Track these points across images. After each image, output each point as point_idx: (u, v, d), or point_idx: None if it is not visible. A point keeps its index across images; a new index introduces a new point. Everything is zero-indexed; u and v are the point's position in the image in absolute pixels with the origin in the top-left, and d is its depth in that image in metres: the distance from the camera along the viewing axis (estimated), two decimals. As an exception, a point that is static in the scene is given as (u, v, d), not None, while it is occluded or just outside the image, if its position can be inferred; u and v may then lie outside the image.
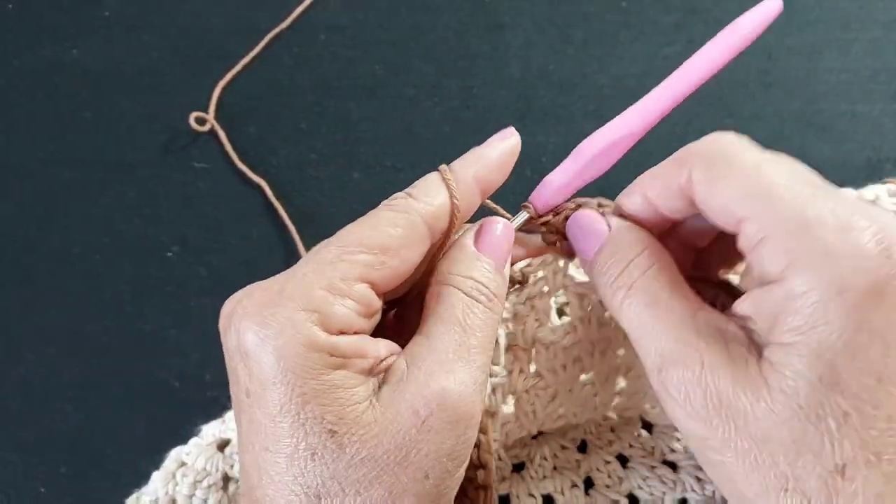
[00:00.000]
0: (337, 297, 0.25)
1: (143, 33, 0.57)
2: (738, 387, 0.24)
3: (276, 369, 0.24)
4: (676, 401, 0.25)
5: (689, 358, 0.25)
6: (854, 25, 0.55)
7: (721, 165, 0.25)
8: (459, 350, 0.26)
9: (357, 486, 0.24)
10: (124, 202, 0.51)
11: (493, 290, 0.28)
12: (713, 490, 0.39)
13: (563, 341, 0.33)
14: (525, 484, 0.39)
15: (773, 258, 0.23)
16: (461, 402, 0.25)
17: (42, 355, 0.47)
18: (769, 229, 0.23)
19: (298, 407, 0.24)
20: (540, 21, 0.57)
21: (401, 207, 0.27)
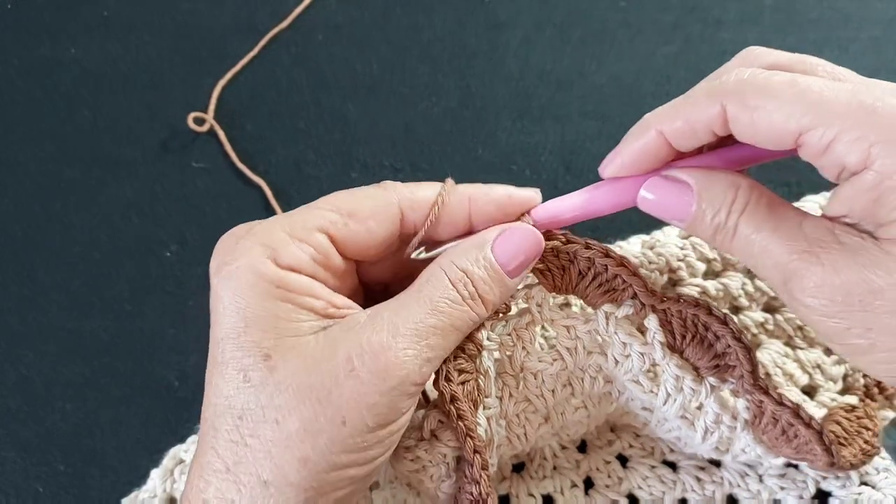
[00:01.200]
0: (294, 240, 0.27)
1: (142, 33, 0.57)
2: (864, 270, 0.25)
3: (227, 295, 0.26)
4: (809, 306, 0.26)
5: (808, 262, 0.26)
6: (853, 24, 0.55)
7: (758, 95, 0.26)
8: (419, 326, 0.27)
9: (276, 412, 0.25)
10: (123, 201, 0.51)
11: (480, 292, 0.28)
12: (713, 490, 0.38)
13: (551, 369, 0.34)
14: (525, 484, 0.39)
15: (852, 150, 0.24)
16: (395, 362, 0.26)
17: (41, 354, 0.47)
18: (837, 128, 0.24)
19: (240, 330, 0.26)
20: (538, 20, 0.57)
21: (383, 186, 0.29)
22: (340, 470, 0.26)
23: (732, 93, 0.26)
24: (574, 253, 0.31)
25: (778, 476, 0.38)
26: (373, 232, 0.28)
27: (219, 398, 0.26)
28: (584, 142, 0.52)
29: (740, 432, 0.33)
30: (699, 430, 0.34)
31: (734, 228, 0.28)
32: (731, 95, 0.26)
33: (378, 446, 0.27)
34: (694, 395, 0.33)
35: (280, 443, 0.25)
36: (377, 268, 0.32)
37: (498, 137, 0.52)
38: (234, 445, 0.25)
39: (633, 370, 0.33)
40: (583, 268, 0.32)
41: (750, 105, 0.26)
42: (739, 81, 0.26)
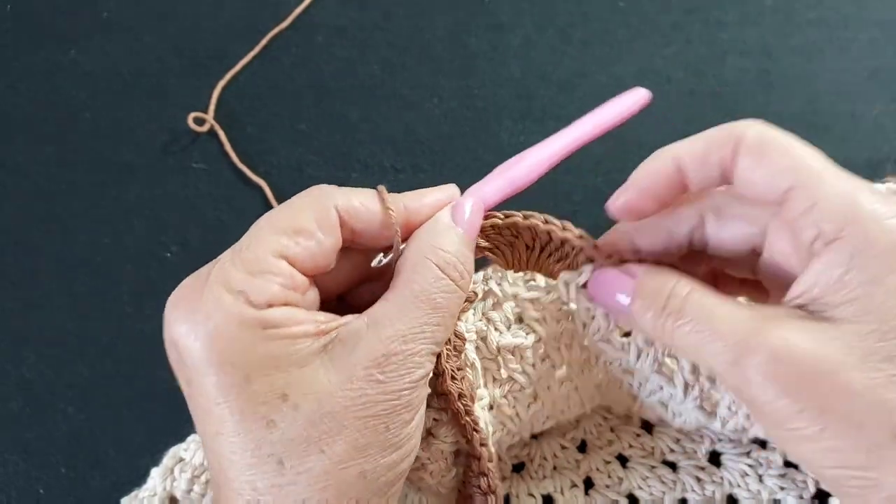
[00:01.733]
0: (257, 275, 0.26)
1: (142, 34, 0.57)
2: (822, 348, 0.25)
3: (207, 353, 0.25)
4: (763, 384, 0.25)
5: (765, 339, 0.25)
6: (853, 25, 0.55)
7: (770, 143, 0.28)
8: (424, 328, 0.27)
9: (318, 443, 0.25)
10: (124, 203, 0.51)
11: (465, 266, 0.29)
12: (713, 490, 0.39)
13: (526, 341, 0.34)
14: (525, 484, 0.39)
15: (832, 218, 0.26)
16: (412, 365, 0.27)
17: (42, 356, 0.47)
18: (824, 194, 0.26)
19: (242, 385, 0.25)
20: (539, 21, 0.57)
21: (317, 191, 0.29)
22: (394, 468, 0.27)
23: (750, 133, 0.28)
24: (515, 226, 0.32)
25: (778, 476, 0.38)
26: (322, 243, 0.28)
27: (239, 455, 0.25)
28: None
29: (720, 384, 0.34)
30: (679, 386, 0.34)
31: (679, 310, 0.28)
32: (749, 135, 0.28)
33: (416, 433, 0.28)
34: (665, 349, 0.33)
35: (334, 468, 0.25)
36: (330, 278, 0.31)
37: (499, 138, 0.52)
38: (283, 489, 0.25)
39: (602, 331, 0.33)
40: (528, 240, 0.33)
41: (761, 148, 0.28)
42: (757, 127, 0.28)
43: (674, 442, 0.40)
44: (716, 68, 0.54)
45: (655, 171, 0.30)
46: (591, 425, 0.41)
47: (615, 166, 0.51)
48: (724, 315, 0.27)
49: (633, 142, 0.51)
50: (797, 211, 0.26)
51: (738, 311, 0.27)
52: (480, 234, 0.32)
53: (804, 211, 0.26)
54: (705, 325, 0.27)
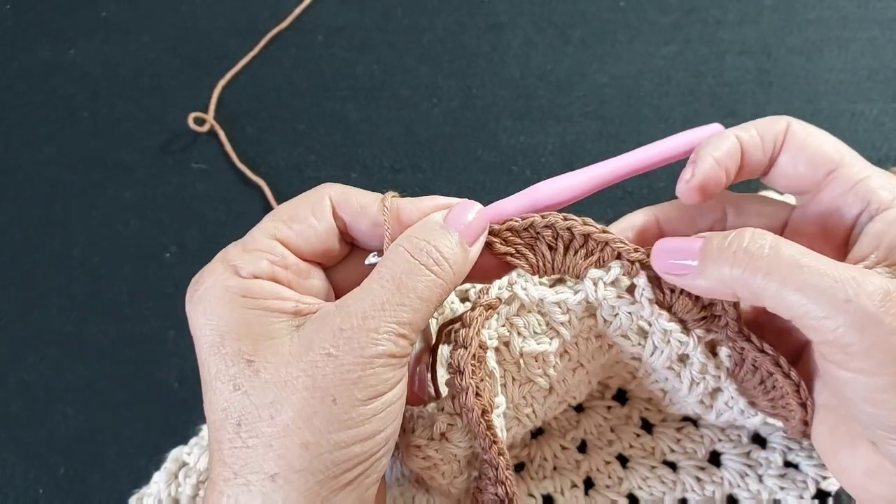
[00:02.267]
0: (249, 251, 0.29)
1: (142, 34, 0.57)
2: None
3: (200, 316, 0.28)
4: (882, 317, 0.25)
5: (874, 279, 0.26)
6: (853, 24, 0.55)
7: (815, 129, 0.32)
8: (385, 306, 0.27)
9: (270, 409, 0.26)
10: (123, 203, 0.51)
11: (444, 254, 0.29)
12: (713, 490, 0.39)
13: (550, 348, 0.33)
14: (525, 484, 0.39)
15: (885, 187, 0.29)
16: (369, 341, 0.27)
17: (42, 357, 0.47)
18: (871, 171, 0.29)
19: (218, 344, 0.27)
20: (539, 21, 0.57)
21: (315, 189, 0.31)
22: (343, 448, 0.26)
23: (796, 120, 0.32)
24: (533, 227, 0.31)
25: (778, 476, 0.38)
26: (315, 226, 0.30)
27: (216, 413, 0.27)
28: (584, 142, 0.52)
29: (724, 381, 0.34)
30: (685, 381, 0.34)
31: (776, 242, 0.27)
32: (796, 121, 0.31)
33: (375, 420, 0.27)
34: (681, 347, 0.33)
35: (278, 435, 0.26)
36: (345, 278, 0.32)
37: (498, 138, 0.52)
38: (237, 451, 0.26)
39: (622, 327, 0.33)
40: (549, 240, 0.32)
41: (808, 130, 0.31)
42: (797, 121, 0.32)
43: (674, 442, 0.40)
44: (715, 68, 0.54)
45: (729, 149, 0.31)
46: (592, 425, 0.41)
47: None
48: (819, 258, 0.26)
49: (633, 142, 0.52)
50: (845, 186, 0.29)
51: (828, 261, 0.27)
52: (499, 239, 0.32)
53: (854, 184, 0.29)
54: (806, 264, 0.26)
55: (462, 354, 0.31)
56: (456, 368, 0.31)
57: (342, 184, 0.31)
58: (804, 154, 0.31)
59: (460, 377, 0.30)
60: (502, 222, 0.32)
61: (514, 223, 0.32)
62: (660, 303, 0.32)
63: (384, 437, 0.28)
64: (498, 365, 0.33)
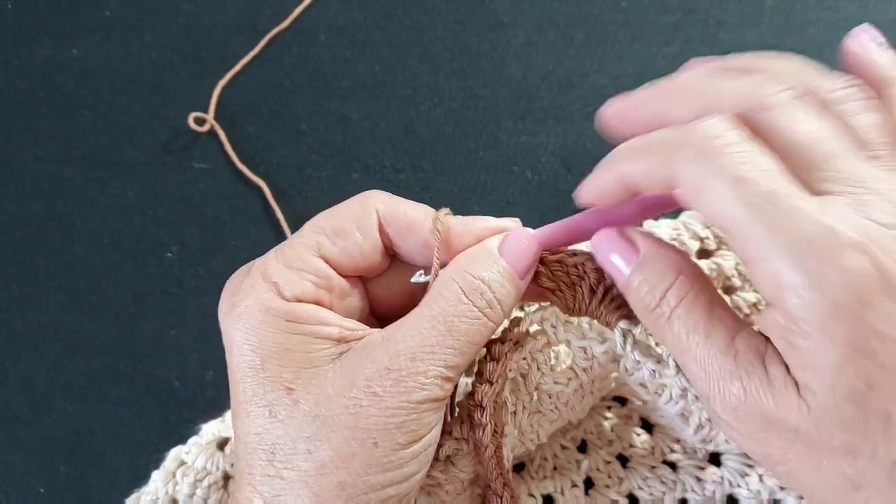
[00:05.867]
0: (293, 270, 0.27)
1: (143, 33, 0.57)
2: (782, 408, 0.24)
3: (239, 335, 0.27)
4: (730, 425, 0.26)
5: (732, 386, 0.25)
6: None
7: None
8: (435, 349, 0.27)
9: (307, 443, 0.25)
10: (124, 202, 0.51)
11: (497, 296, 0.28)
12: (713, 490, 0.39)
13: (567, 389, 0.33)
14: (525, 484, 0.39)
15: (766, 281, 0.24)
16: (416, 385, 0.26)
17: (42, 355, 0.47)
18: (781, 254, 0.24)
19: (258, 368, 0.26)
20: (540, 21, 0.57)
21: (362, 196, 0.30)
22: (379, 491, 0.26)
23: None
24: (583, 266, 0.30)
25: (778, 476, 0.38)
26: (361, 244, 0.28)
27: (248, 436, 0.26)
28: (585, 143, 0.52)
29: None
30: (692, 425, 0.34)
31: (667, 316, 0.27)
32: None
33: (413, 463, 0.27)
34: (697, 401, 0.33)
35: (315, 472, 0.25)
36: (383, 290, 0.31)
37: (499, 138, 0.52)
38: (270, 479, 0.26)
39: (643, 379, 0.33)
40: (593, 282, 0.31)
41: None
42: None
43: (674, 442, 0.40)
44: (716, 69, 0.54)
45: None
46: (592, 425, 0.41)
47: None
48: (704, 346, 0.26)
49: (634, 142, 0.52)
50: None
51: (718, 344, 0.26)
52: (546, 272, 0.30)
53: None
54: (687, 347, 0.26)
55: (486, 391, 0.30)
56: (477, 403, 0.30)
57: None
58: None
59: (480, 412, 0.30)
60: (552, 251, 0.30)
61: (566, 257, 0.30)
62: None
63: (418, 479, 0.27)
64: (511, 394, 0.33)
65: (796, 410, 0.24)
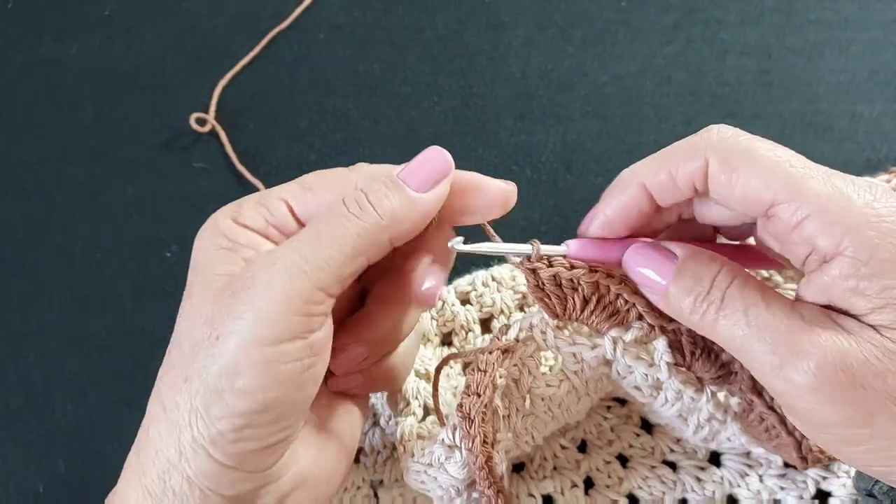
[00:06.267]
0: (253, 205, 0.30)
1: (144, 32, 0.57)
2: (867, 353, 0.24)
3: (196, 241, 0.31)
4: (811, 391, 0.25)
5: (809, 343, 0.25)
6: (853, 25, 0.55)
7: (740, 156, 0.26)
8: (308, 256, 0.28)
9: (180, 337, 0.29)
10: (125, 201, 0.51)
11: (372, 198, 0.29)
12: (713, 490, 0.39)
13: (558, 391, 0.34)
14: (525, 484, 0.39)
15: (824, 232, 0.24)
16: (266, 278, 0.27)
17: (42, 353, 0.47)
18: (811, 207, 0.25)
19: (192, 268, 0.30)
20: (540, 20, 0.57)
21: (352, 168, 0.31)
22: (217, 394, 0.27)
23: (716, 149, 0.26)
24: (577, 280, 0.30)
25: (778, 476, 0.38)
26: (320, 199, 0.30)
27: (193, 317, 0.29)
28: (584, 142, 0.52)
29: (729, 423, 0.34)
30: (691, 426, 0.34)
31: (721, 300, 0.27)
32: (715, 151, 0.26)
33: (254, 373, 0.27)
34: (693, 402, 0.33)
35: (175, 367, 0.29)
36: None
37: (499, 137, 0.52)
38: (160, 373, 0.30)
39: (636, 382, 0.33)
40: (587, 293, 0.31)
41: (731, 164, 0.26)
42: (723, 139, 0.27)
43: (674, 442, 0.40)
44: (716, 68, 0.54)
45: (625, 204, 0.29)
46: (591, 425, 0.41)
47: (615, 166, 0.50)
48: (767, 313, 0.26)
49: (634, 141, 0.52)
50: (786, 228, 0.26)
51: (781, 310, 0.26)
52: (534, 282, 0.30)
53: (793, 227, 0.25)
54: (748, 322, 0.26)
55: (474, 402, 0.30)
56: (465, 414, 0.30)
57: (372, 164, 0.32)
58: (730, 200, 0.27)
59: (468, 423, 0.30)
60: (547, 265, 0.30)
61: (562, 270, 0.30)
62: (678, 364, 0.32)
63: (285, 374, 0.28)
64: (503, 398, 0.33)
65: (882, 352, 0.24)
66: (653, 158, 0.29)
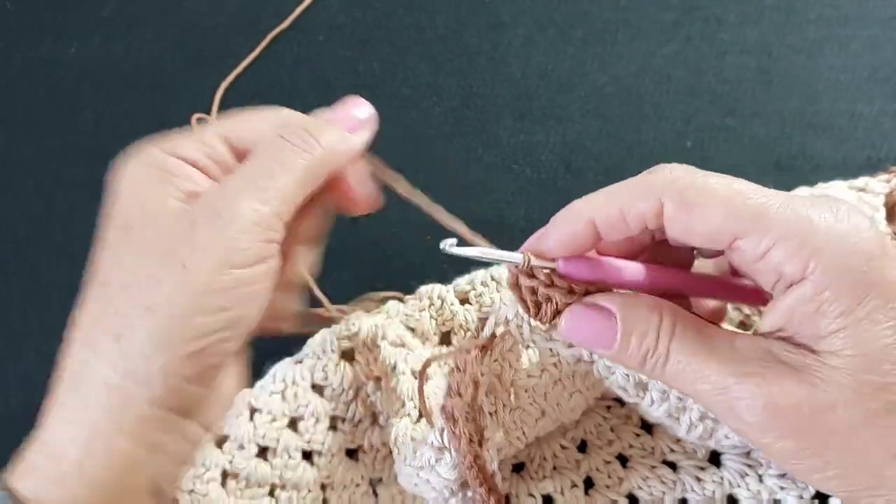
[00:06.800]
0: (191, 140, 0.32)
1: (144, 33, 0.57)
2: (812, 386, 0.24)
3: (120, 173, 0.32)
4: (759, 427, 0.25)
5: (753, 383, 0.25)
6: (853, 23, 0.55)
7: (696, 194, 0.25)
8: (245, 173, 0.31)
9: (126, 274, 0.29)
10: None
11: (311, 131, 0.33)
12: (713, 490, 0.38)
13: (540, 382, 0.34)
14: (525, 484, 0.39)
15: (790, 259, 0.24)
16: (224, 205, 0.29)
17: (42, 353, 0.47)
18: (775, 235, 0.24)
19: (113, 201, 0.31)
20: (540, 20, 0.57)
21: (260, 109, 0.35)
22: (187, 318, 0.28)
23: (671, 189, 0.26)
24: (554, 297, 0.29)
25: (778, 476, 0.38)
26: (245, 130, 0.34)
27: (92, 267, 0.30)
28: (584, 141, 0.52)
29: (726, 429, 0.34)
30: (683, 425, 0.34)
31: (666, 354, 0.27)
32: (670, 192, 0.26)
33: (226, 295, 0.29)
34: (681, 402, 0.33)
35: (127, 298, 0.29)
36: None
37: (499, 137, 0.52)
38: (92, 310, 0.30)
39: (619, 382, 0.33)
40: (560, 306, 0.30)
41: (688, 203, 0.25)
42: (677, 179, 0.26)
43: (674, 442, 0.40)
44: (716, 67, 0.54)
45: (570, 234, 0.28)
46: (592, 425, 0.41)
47: (615, 165, 0.51)
48: (715, 356, 0.26)
49: (634, 140, 0.52)
50: (752, 258, 0.25)
51: (726, 352, 0.26)
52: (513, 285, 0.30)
53: (759, 258, 0.25)
54: (698, 369, 0.26)
55: (457, 403, 0.31)
56: (450, 415, 0.31)
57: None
58: (692, 238, 0.26)
59: (453, 424, 0.30)
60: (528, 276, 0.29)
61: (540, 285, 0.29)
62: None
63: (235, 317, 0.30)
64: (488, 395, 0.33)
65: (828, 382, 0.24)
66: (606, 193, 0.28)
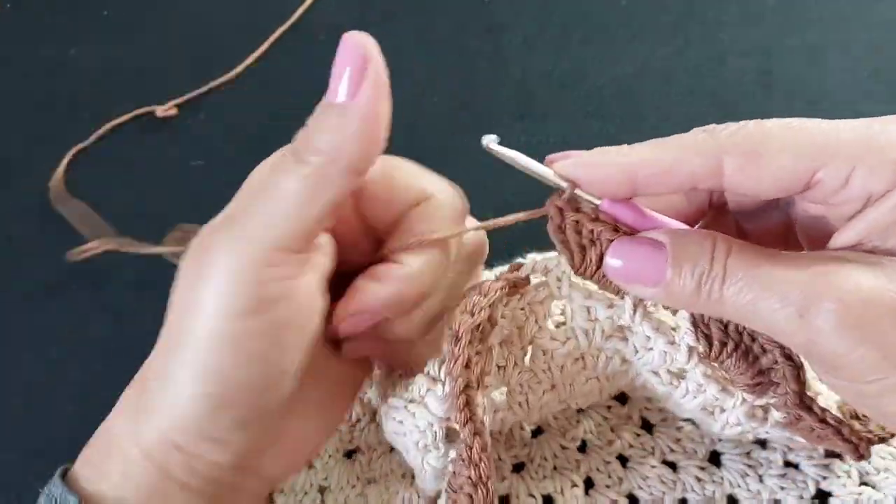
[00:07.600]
0: None
1: (143, 33, 0.57)
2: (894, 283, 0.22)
3: None
4: (838, 334, 0.23)
5: (832, 285, 0.23)
6: (854, 25, 0.55)
7: (761, 143, 0.24)
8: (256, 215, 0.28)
9: None
10: (124, 201, 0.51)
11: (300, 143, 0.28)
12: (713, 490, 0.38)
13: (562, 349, 0.32)
14: (525, 484, 0.39)
15: (876, 176, 0.23)
16: None
17: (43, 355, 0.47)
18: (853, 159, 0.23)
19: None
20: (539, 21, 0.57)
21: None
22: None
23: (730, 145, 0.25)
24: (599, 233, 0.27)
25: (778, 476, 0.38)
26: None
27: None
28: (585, 142, 0.51)
29: (770, 428, 0.32)
30: (719, 423, 0.33)
31: (723, 273, 0.25)
32: (730, 148, 0.25)
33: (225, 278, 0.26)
34: (719, 401, 0.31)
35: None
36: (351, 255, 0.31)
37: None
38: None
39: (654, 364, 0.31)
40: (605, 251, 0.27)
41: (754, 153, 0.24)
42: (733, 133, 0.25)
43: (674, 442, 0.40)
44: (716, 68, 0.54)
45: (603, 178, 0.27)
46: (592, 425, 0.41)
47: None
48: (776, 267, 0.24)
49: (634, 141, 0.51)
50: (832, 189, 0.24)
51: (791, 260, 0.24)
52: (557, 224, 0.28)
53: (838, 188, 0.24)
54: (758, 282, 0.24)
55: (465, 321, 0.28)
56: (454, 333, 0.28)
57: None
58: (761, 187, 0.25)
59: (455, 343, 0.28)
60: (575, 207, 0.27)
61: (585, 218, 0.27)
62: (705, 355, 0.29)
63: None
64: (503, 345, 0.31)
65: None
66: (654, 145, 0.26)
